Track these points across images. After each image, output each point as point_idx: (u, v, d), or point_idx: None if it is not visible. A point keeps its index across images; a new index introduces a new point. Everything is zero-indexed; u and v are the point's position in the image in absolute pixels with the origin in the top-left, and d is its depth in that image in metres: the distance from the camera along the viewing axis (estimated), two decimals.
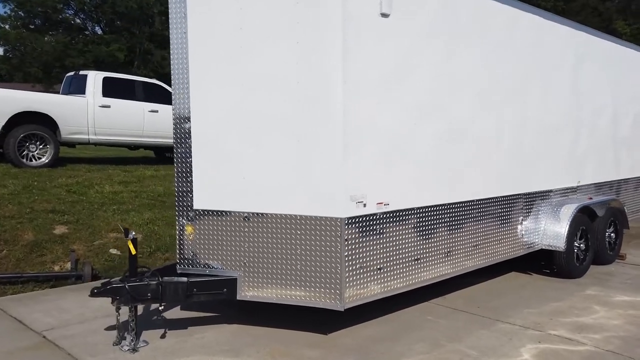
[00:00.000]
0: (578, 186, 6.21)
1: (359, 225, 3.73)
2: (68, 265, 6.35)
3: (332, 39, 3.55)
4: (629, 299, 4.94)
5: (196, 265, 3.99)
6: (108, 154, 14.54)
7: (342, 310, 3.70)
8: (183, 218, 4.00)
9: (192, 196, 3.96)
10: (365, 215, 3.77)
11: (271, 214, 3.77)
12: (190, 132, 3.91)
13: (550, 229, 5.51)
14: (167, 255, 6.93)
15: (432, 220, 4.33)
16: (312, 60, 3.60)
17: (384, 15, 3.80)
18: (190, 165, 3.94)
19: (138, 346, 3.71)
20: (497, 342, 3.90)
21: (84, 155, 13.52)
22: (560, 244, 5.44)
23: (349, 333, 4.08)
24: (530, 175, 5.45)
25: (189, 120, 3.91)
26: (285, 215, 3.73)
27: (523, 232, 5.37)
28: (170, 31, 3.91)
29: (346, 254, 3.64)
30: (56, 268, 6.30)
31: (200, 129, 3.89)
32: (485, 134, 4.86)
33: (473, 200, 4.73)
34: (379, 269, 3.91)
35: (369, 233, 3.81)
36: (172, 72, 3.94)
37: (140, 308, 4.28)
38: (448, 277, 4.57)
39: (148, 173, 10.95)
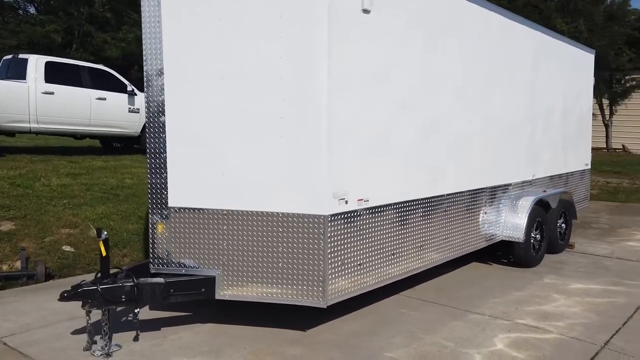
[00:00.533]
0: (533, 179, 6.52)
1: (340, 222, 3.73)
2: (18, 264, 5.97)
3: (317, 34, 3.50)
4: (584, 287, 5.27)
5: (171, 265, 3.86)
6: (49, 143, 13.72)
7: (325, 307, 3.70)
8: (157, 215, 3.85)
9: (167, 193, 3.81)
10: (347, 212, 3.78)
11: (252, 212, 3.69)
12: (164, 126, 3.75)
13: (510, 221, 5.76)
14: (125, 251, 6.67)
15: (409, 214, 4.41)
16: (296, 54, 3.54)
17: (366, 11, 3.79)
18: (165, 161, 3.78)
19: (111, 350, 3.55)
20: (470, 332, 4.04)
21: (22, 144, 12.69)
22: (519, 235, 5.70)
23: (328, 329, 4.10)
24: (494, 169, 5.66)
25: (164, 113, 3.74)
26: (267, 212, 3.67)
27: (486, 225, 5.58)
28: (142, 14, 3.71)
29: (329, 250, 3.63)
30: (4, 267, 5.91)
31: (176, 123, 3.74)
32: (459, 130, 4.99)
33: (446, 194, 4.85)
34: (359, 264, 3.94)
35: (350, 229, 3.82)
36: (144, 59, 3.75)
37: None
38: (422, 269, 4.68)
39: (97, 164, 10.45)
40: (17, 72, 10.73)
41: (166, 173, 3.79)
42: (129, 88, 11.82)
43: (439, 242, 4.87)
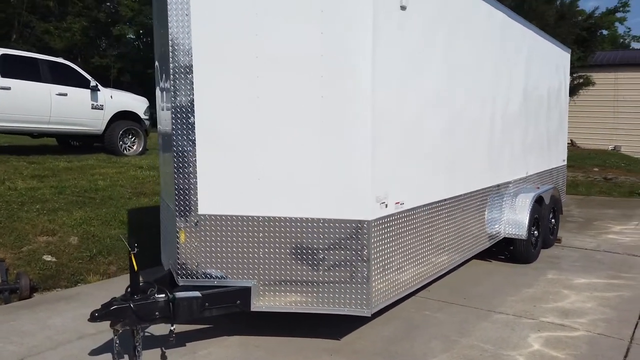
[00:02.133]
0: (527, 176, 6.67)
1: (382, 226, 3.62)
2: None
3: (361, 30, 3.36)
4: (587, 282, 5.43)
5: (201, 276, 3.61)
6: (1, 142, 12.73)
7: (370, 315, 3.58)
8: (185, 223, 3.58)
9: (197, 199, 3.55)
10: (387, 216, 3.67)
11: (290, 218, 3.51)
12: (194, 127, 3.49)
13: (513, 219, 5.86)
14: (109, 259, 6.26)
15: (436, 215, 4.36)
16: (339, 52, 3.38)
17: (403, 7, 3.68)
18: (195, 165, 3.52)
19: None
20: (502, 333, 4.05)
21: None
22: (522, 232, 5.81)
23: (361, 336, 3.98)
24: (498, 167, 5.73)
25: (193, 113, 3.48)
26: (306, 218, 3.50)
27: (492, 223, 5.65)
28: (168, 11, 3.42)
29: (373, 256, 3.51)
30: None
31: (207, 124, 3.49)
32: (471, 129, 4.99)
33: (463, 194, 4.85)
34: (398, 268, 3.85)
35: (389, 233, 3.72)
36: (171, 55, 3.46)
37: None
38: (448, 269, 4.68)
39: (61, 165, 9.80)
40: None
41: (196, 178, 3.53)
42: (92, 83, 11.16)
43: (460, 241, 4.88)
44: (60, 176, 8.90)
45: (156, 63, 4.51)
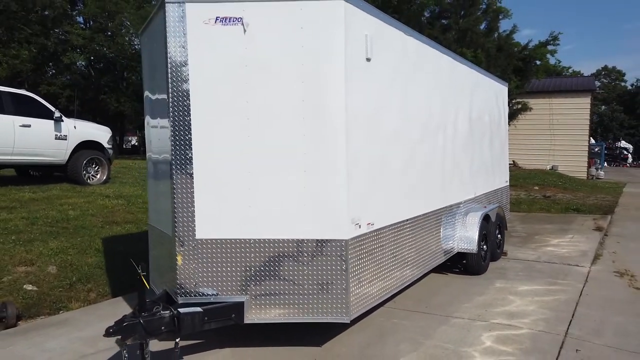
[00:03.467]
0: (475, 197, 7.48)
1: (357, 244, 4.21)
2: None
3: (335, 80, 3.99)
4: (529, 288, 6.21)
5: (199, 294, 4.05)
6: None
7: (349, 322, 4.13)
8: (183, 248, 4.03)
9: (195, 225, 4.02)
10: (361, 235, 4.27)
11: (278, 240, 4.04)
12: (192, 161, 3.98)
13: (464, 235, 6.60)
14: (89, 286, 6.52)
15: (400, 233, 5.00)
16: (317, 97, 3.99)
17: (368, 59, 4.36)
18: (192, 196, 4.00)
19: None
20: (460, 334, 4.69)
21: None
22: (473, 247, 6.55)
23: (339, 343, 4.51)
24: (449, 190, 6.48)
25: (191, 148, 3.98)
26: (292, 239, 4.04)
27: (447, 239, 6.36)
28: (167, 56, 3.93)
29: (351, 270, 4.09)
30: None
31: (203, 158, 3.99)
32: (426, 157, 5.71)
33: (421, 214, 5.53)
34: (371, 280, 4.43)
35: (362, 250, 4.31)
36: (171, 96, 3.96)
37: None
38: (411, 281, 5.31)
39: (26, 196, 9.89)
40: None
41: (193, 207, 4.01)
42: (56, 114, 11.29)
43: (421, 256, 5.53)
44: (29, 207, 9.00)
45: (146, 94, 4.97)
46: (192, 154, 3.99)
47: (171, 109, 3.97)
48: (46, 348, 4.47)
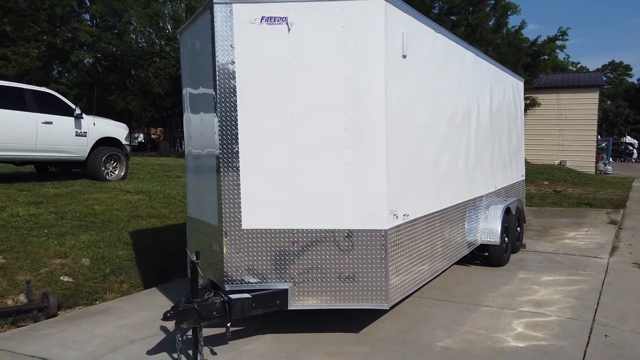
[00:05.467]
0: (495, 190, 7.64)
1: (395, 234, 4.38)
2: (21, 298, 5.84)
3: (375, 76, 4.16)
4: (552, 279, 6.38)
5: (244, 282, 4.24)
6: None
7: (388, 308, 4.31)
8: (229, 238, 4.21)
9: (241, 216, 4.20)
10: (398, 225, 4.44)
11: (321, 229, 4.22)
12: (238, 155, 4.16)
13: (488, 227, 6.77)
14: (121, 278, 6.72)
15: (431, 225, 5.17)
16: (358, 92, 4.16)
17: (404, 56, 4.53)
18: (238, 187, 4.18)
19: None
20: (490, 322, 4.87)
21: None
22: (496, 239, 6.72)
23: (376, 329, 4.70)
24: (473, 183, 6.65)
25: (237, 143, 4.16)
26: (334, 229, 4.22)
27: (471, 231, 6.53)
28: (215, 54, 4.10)
29: (389, 259, 4.26)
30: (9, 302, 5.75)
31: (249, 152, 4.17)
32: (455, 151, 5.89)
33: (450, 207, 5.70)
34: (407, 269, 4.61)
35: (399, 240, 4.49)
36: (218, 93, 4.13)
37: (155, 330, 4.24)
38: (441, 271, 5.48)
39: (50, 191, 10.10)
40: None
41: (239, 198, 4.19)
42: (77, 111, 11.49)
43: (449, 247, 5.71)
44: (55, 202, 9.21)
45: (186, 91, 5.15)
46: (238, 148, 4.16)
47: (218, 105, 4.15)
48: (96, 334, 4.66)
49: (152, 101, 31.13)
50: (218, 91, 4.13)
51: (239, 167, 4.17)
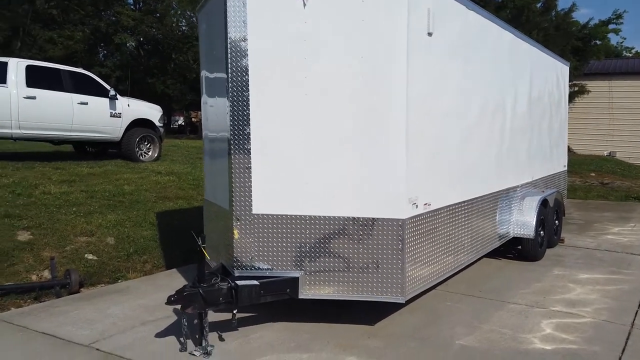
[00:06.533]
0: (532, 181, 7.20)
1: (413, 224, 4.12)
2: (46, 274, 5.94)
3: (397, 54, 3.87)
4: (590, 277, 5.95)
5: (254, 268, 4.09)
6: (24, 149, 13.14)
7: (404, 302, 4.08)
8: (240, 223, 4.06)
9: (251, 201, 4.04)
10: (418, 215, 4.17)
11: (334, 217, 4.00)
12: (249, 137, 3.98)
13: (521, 220, 6.37)
14: (144, 258, 6.73)
15: (456, 215, 4.87)
16: (378, 72, 3.89)
17: (430, 34, 4.21)
18: (250, 171, 4.01)
19: (209, 350, 3.74)
20: (517, 320, 4.55)
21: None
22: (530, 232, 6.32)
23: (391, 322, 4.47)
24: (506, 173, 6.25)
25: (249, 124, 3.97)
26: (348, 217, 4.00)
27: (502, 223, 6.16)
28: (227, 31, 3.91)
29: (407, 250, 4.01)
30: (33, 277, 5.85)
31: (261, 134, 3.98)
32: (486, 138, 5.52)
33: (478, 197, 5.36)
34: (427, 261, 4.34)
35: (419, 231, 4.22)
36: (230, 72, 3.95)
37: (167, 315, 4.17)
38: (465, 264, 5.17)
39: (84, 171, 10.27)
40: None
41: (250, 182, 4.02)
42: (111, 92, 11.63)
43: (476, 240, 5.38)
44: (87, 181, 9.36)
45: (203, 73, 5.01)
46: (249, 130, 3.99)
47: (230, 84, 3.97)
48: (110, 313, 4.65)
49: (190, 85, 31.48)
50: (230, 70, 3.94)
51: (250, 149, 3.99)
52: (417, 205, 4.14)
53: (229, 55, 3.94)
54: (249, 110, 3.97)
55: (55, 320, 4.44)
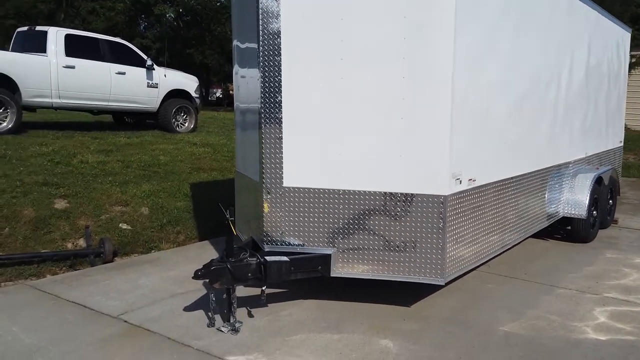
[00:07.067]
0: (586, 157, 6.68)
1: (456, 201, 3.81)
2: (81, 242, 5.96)
3: (443, 16, 3.51)
4: None
5: (285, 244, 3.90)
6: (65, 118, 13.40)
7: (444, 284, 3.81)
8: (270, 196, 3.86)
9: (282, 173, 3.82)
10: (461, 192, 3.86)
11: (369, 192, 3.74)
12: (281, 105, 3.74)
13: (573, 198, 5.92)
14: (178, 229, 6.68)
15: (502, 193, 4.51)
16: (421, 34, 3.54)
17: None
18: (281, 142, 3.78)
19: (237, 326, 3.61)
20: (567, 307, 4.21)
21: (38, 119, 12.33)
22: (582, 212, 5.88)
23: (429, 304, 4.22)
24: (558, 148, 5.79)
25: (280, 92, 3.72)
26: (385, 192, 3.73)
27: (551, 202, 5.74)
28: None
29: (448, 229, 3.72)
30: (69, 245, 5.88)
31: (293, 102, 3.73)
32: (537, 110, 5.09)
33: (527, 173, 4.97)
34: (469, 241, 4.04)
35: (462, 208, 3.91)
36: (261, 37, 3.69)
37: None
38: (511, 245, 4.83)
39: (121, 140, 10.31)
40: (36, 45, 10.39)
41: (281, 153, 3.79)
42: (148, 62, 11.58)
43: (523, 219, 5.02)
44: (124, 151, 9.40)
45: (235, 42, 4.77)
46: (281, 98, 3.74)
47: (261, 49, 3.71)
48: (140, 284, 4.59)
49: (228, 56, 31.37)
50: (261, 34, 3.68)
51: (281, 118, 3.75)
52: (460, 181, 3.82)
53: (260, 17, 3.67)
54: (280, 76, 3.71)
55: (87, 290, 4.42)
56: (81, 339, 3.48)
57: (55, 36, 10.29)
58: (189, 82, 12.67)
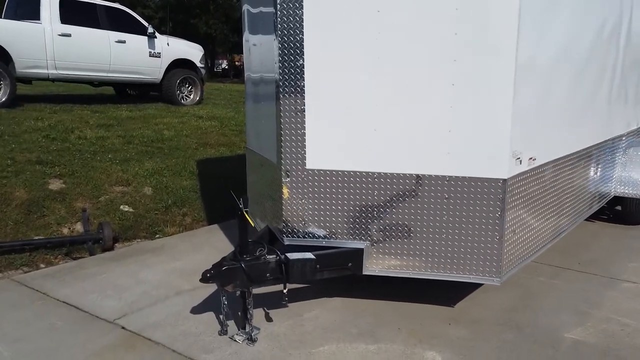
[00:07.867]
0: (637, 128, 5.97)
1: (516, 184, 3.16)
2: (78, 227, 5.40)
3: None
4: None
5: (307, 236, 3.29)
6: (65, 91, 12.76)
7: (499, 284, 3.19)
8: (290, 179, 3.23)
9: (305, 153, 3.18)
10: (522, 173, 3.20)
11: (410, 175, 3.10)
12: (303, 70, 3.06)
13: (628, 176, 5.25)
14: (184, 210, 6.11)
15: (561, 172, 3.85)
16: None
17: None
18: (303, 115, 3.13)
19: (254, 334, 3.04)
20: (638, 305, 3.61)
21: (36, 92, 11.69)
22: (638, 191, 5.22)
23: (475, 304, 3.63)
24: (615, 118, 5.09)
25: (302, 54, 3.05)
26: (429, 175, 3.08)
27: (604, 180, 5.07)
28: None
29: (507, 218, 3.08)
30: (65, 231, 5.33)
31: (318, 67, 3.06)
32: (597, 75, 4.37)
33: (585, 148, 4.30)
34: (527, 231, 3.41)
35: (522, 192, 3.26)
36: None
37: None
38: (567, 231, 4.20)
39: (123, 114, 9.70)
40: (28, 11, 9.68)
41: (304, 129, 3.14)
42: (149, 30, 10.83)
43: (579, 201, 4.37)
44: (126, 125, 8.79)
45: (245, 7, 4.06)
46: (303, 62, 3.06)
47: (279, 5, 3.02)
48: (141, 279, 4.03)
49: (233, 26, 30.36)
50: None
51: (303, 87, 3.08)
52: (521, 161, 3.16)
53: None
54: (302, 35, 3.03)
55: (80, 286, 3.86)
56: (69, 351, 2.93)
57: (49, 1, 9.55)
58: (193, 51, 11.93)
